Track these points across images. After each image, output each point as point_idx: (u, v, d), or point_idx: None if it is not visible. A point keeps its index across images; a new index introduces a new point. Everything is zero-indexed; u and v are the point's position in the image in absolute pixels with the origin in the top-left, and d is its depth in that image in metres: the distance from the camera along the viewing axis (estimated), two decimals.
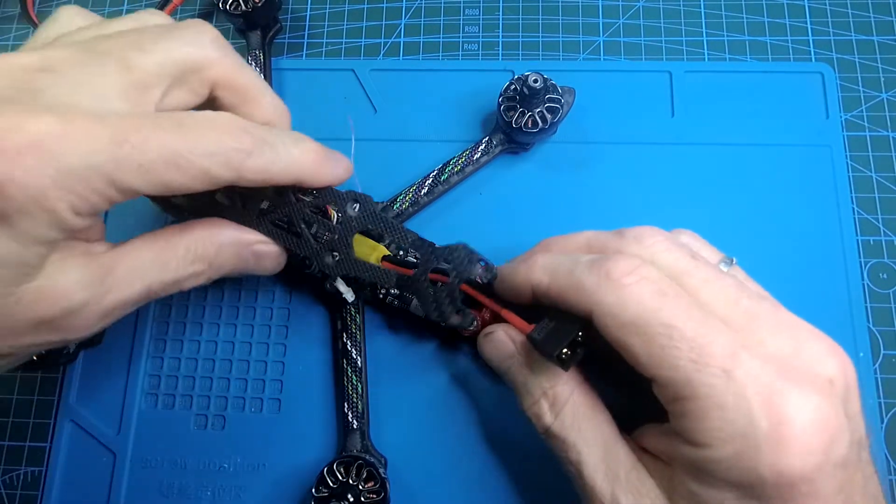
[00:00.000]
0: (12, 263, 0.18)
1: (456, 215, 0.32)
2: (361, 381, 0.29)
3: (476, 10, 0.37)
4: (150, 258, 0.22)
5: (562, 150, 0.33)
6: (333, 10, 0.37)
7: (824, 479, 0.18)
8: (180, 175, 0.20)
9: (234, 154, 0.21)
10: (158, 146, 0.19)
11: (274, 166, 0.22)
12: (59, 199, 0.18)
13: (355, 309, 0.29)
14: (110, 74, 0.20)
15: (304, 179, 0.24)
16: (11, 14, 0.39)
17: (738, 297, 0.20)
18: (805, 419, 0.18)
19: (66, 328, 0.20)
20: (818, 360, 0.19)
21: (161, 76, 0.21)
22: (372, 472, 0.26)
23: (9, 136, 0.17)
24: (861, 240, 0.32)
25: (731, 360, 0.19)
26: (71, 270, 0.20)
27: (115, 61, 0.20)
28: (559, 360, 0.21)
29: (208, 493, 0.29)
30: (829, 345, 0.20)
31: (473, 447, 0.29)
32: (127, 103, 0.20)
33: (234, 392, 0.30)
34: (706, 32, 0.36)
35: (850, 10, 0.36)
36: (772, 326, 0.20)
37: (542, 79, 0.29)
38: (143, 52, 0.21)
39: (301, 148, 0.23)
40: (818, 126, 0.33)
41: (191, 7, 0.38)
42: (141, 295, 0.22)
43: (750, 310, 0.20)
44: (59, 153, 0.18)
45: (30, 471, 0.31)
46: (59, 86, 0.19)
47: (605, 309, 0.20)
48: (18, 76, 0.19)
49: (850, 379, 0.20)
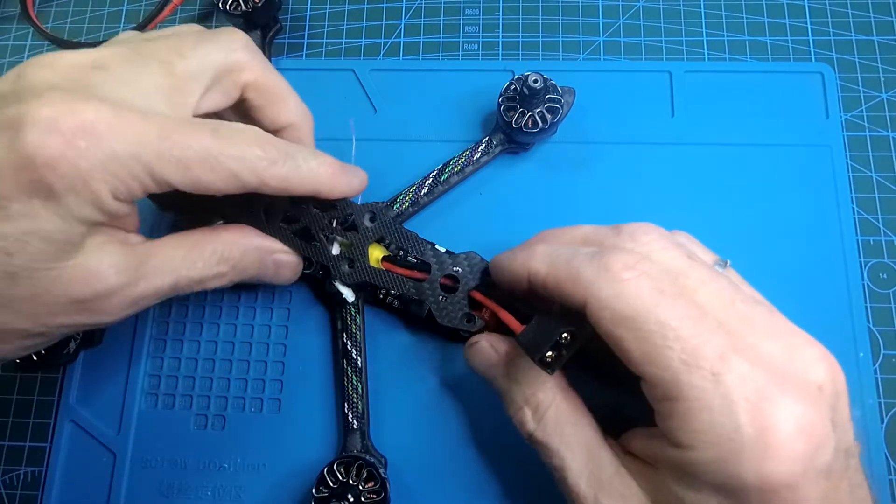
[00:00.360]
0: (55, 239, 0.19)
1: (456, 215, 0.32)
2: (361, 382, 0.29)
3: (476, 10, 0.37)
4: (181, 255, 0.24)
5: (562, 150, 0.33)
6: (333, 10, 0.37)
7: (807, 486, 0.18)
8: (212, 175, 0.21)
9: (259, 161, 0.22)
10: (196, 145, 0.21)
11: (294, 176, 0.24)
12: (103, 181, 0.19)
13: (355, 309, 0.30)
14: (154, 76, 0.22)
15: (321, 190, 0.25)
16: (11, 14, 0.39)
17: (733, 300, 0.20)
18: (791, 426, 0.18)
19: (96, 310, 0.21)
20: (809, 367, 0.19)
21: (199, 80, 0.23)
22: (372, 473, 0.26)
23: (67, 118, 0.19)
24: (861, 240, 0.32)
25: (721, 363, 0.19)
26: (108, 255, 0.21)
27: (159, 64, 0.22)
28: (542, 363, 0.21)
29: (208, 493, 0.29)
30: (820, 351, 0.20)
31: (473, 447, 0.29)
32: (167, 104, 0.22)
33: (234, 392, 0.30)
34: (706, 32, 0.36)
35: (850, 10, 0.36)
36: (765, 331, 0.20)
37: (542, 79, 0.29)
38: (183, 57, 0.23)
39: (318, 161, 0.25)
40: (818, 126, 0.33)
41: (191, 7, 0.38)
42: (168, 288, 0.23)
43: (745, 313, 0.20)
44: (108, 140, 0.19)
45: (30, 471, 0.31)
46: (108, 83, 0.21)
47: (602, 302, 0.20)
48: (73, 72, 0.21)
49: (839, 386, 0.20)
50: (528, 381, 0.24)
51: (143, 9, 0.38)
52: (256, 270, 0.26)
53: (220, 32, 0.25)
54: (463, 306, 0.27)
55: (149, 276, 0.22)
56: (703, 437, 0.18)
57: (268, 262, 0.27)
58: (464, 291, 0.27)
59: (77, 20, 0.38)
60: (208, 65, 0.23)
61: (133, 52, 0.22)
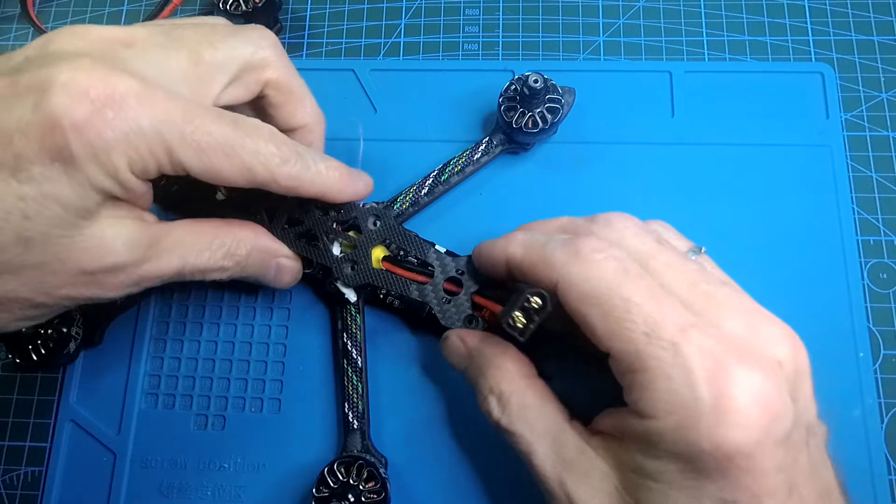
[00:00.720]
0: (72, 205, 0.20)
1: (456, 215, 0.32)
2: (362, 381, 0.29)
3: (476, 10, 0.37)
4: (190, 241, 0.24)
5: (562, 150, 0.33)
6: (333, 10, 0.37)
7: (763, 455, 0.18)
8: (226, 164, 0.22)
9: (273, 158, 0.23)
10: (217, 133, 0.21)
11: (304, 176, 0.24)
12: (124, 154, 0.20)
13: (355, 309, 0.30)
14: (181, 61, 0.22)
15: (328, 194, 0.25)
16: (11, 14, 0.39)
17: (697, 281, 0.21)
18: (747, 395, 0.18)
19: (101, 285, 0.22)
20: (770, 343, 0.20)
21: (224, 71, 0.24)
22: (372, 472, 0.26)
23: (98, 86, 0.19)
24: (861, 240, 0.32)
25: (680, 334, 0.19)
26: (121, 229, 0.21)
27: (188, 51, 0.23)
28: (511, 327, 0.22)
29: (208, 493, 0.29)
30: (784, 329, 0.21)
31: (474, 447, 0.29)
32: (190, 90, 0.22)
33: (234, 392, 0.30)
34: (706, 32, 0.36)
35: (850, 10, 0.36)
36: (729, 309, 0.21)
37: (542, 79, 0.29)
38: (213, 47, 0.23)
39: (327, 165, 0.25)
40: (818, 126, 0.33)
41: (191, 7, 0.38)
42: (173, 272, 0.23)
43: (709, 293, 0.21)
44: (136, 113, 0.20)
45: (30, 471, 0.31)
46: (137, 60, 0.21)
47: (570, 282, 0.21)
48: (103, 44, 0.21)
49: (801, 363, 0.20)
50: (492, 373, 0.24)
51: (143, 9, 0.38)
52: (258, 270, 0.27)
53: (250, 28, 0.25)
54: (465, 309, 0.27)
55: (157, 256, 0.23)
56: (663, 405, 0.19)
57: (271, 264, 0.27)
58: (466, 294, 0.27)
59: (77, 20, 0.38)
60: (235, 58, 0.24)
61: (163, 36, 0.23)
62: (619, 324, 0.20)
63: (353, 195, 0.27)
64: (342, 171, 0.26)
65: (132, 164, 0.20)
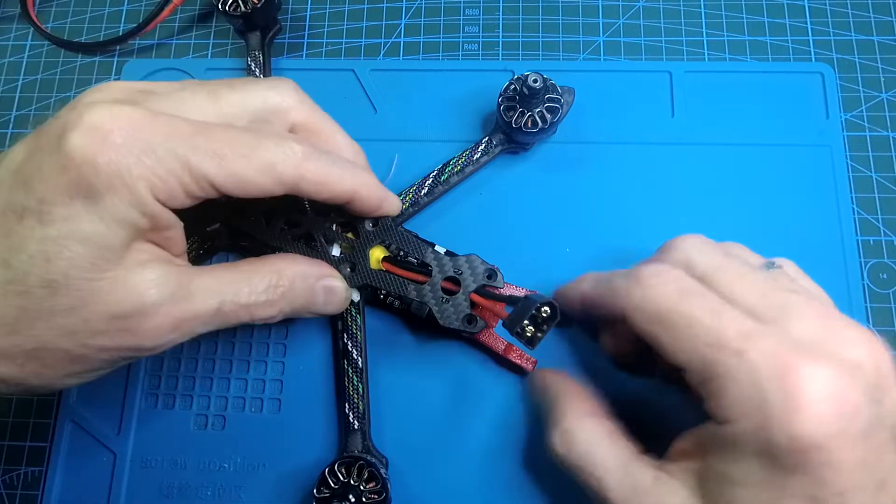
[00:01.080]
0: (95, 243, 0.19)
1: (456, 215, 0.32)
2: (362, 382, 0.29)
3: (476, 10, 0.37)
4: (227, 278, 0.23)
5: (562, 150, 0.33)
6: (333, 10, 0.37)
7: (840, 450, 0.19)
8: (249, 166, 0.21)
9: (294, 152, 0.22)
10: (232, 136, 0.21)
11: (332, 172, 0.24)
12: (141, 177, 0.20)
13: (356, 309, 0.30)
14: (200, 102, 0.23)
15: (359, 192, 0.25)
16: (11, 14, 0.39)
17: (767, 291, 0.22)
18: (816, 390, 0.19)
19: (136, 332, 0.21)
20: (846, 344, 0.20)
21: (243, 111, 0.23)
22: (373, 473, 0.26)
23: (106, 120, 0.19)
24: (861, 240, 0.32)
25: (745, 342, 0.20)
26: (149, 270, 0.21)
27: (207, 92, 0.23)
28: (520, 336, 0.23)
29: (208, 493, 0.29)
30: (861, 333, 0.21)
31: (474, 447, 0.29)
32: None
33: (234, 392, 0.30)
34: (706, 32, 0.36)
35: (850, 10, 0.36)
36: (800, 315, 0.21)
37: (541, 79, 0.29)
38: (232, 89, 0.24)
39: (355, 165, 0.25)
40: (818, 126, 0.33)
41: (191, 7, 0.38)
42: (212, 312, 0.23)
43: (778, 302, 0.21)
44: (143, 133, 0.20)
45: (30, 471, 0.31)
46: (154, 100, 0.22)
47: (634, 306, 0.23)
48: (122, 92, 0.22)
49: (882, 366, 0.20)
50: (558, 408, 0.26)
51: (143, 9, 0.38)
52: (306, 299, 0.26)
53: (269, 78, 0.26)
54: (464, 308, 0.27)
55: (191, 296, 0.22)
56: (737, 408, 0.20)
57: (318, 288, 0.26)
58: (465, 294, 0.27)
59: (77, 20, 0.38)
60: (254, 99, 0.24)
61: (182, 84, 0.23)
62: (684, 339, 0.21)
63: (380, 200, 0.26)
64: (373, 176, 0.26)
65: (154, 189, 0.20)
